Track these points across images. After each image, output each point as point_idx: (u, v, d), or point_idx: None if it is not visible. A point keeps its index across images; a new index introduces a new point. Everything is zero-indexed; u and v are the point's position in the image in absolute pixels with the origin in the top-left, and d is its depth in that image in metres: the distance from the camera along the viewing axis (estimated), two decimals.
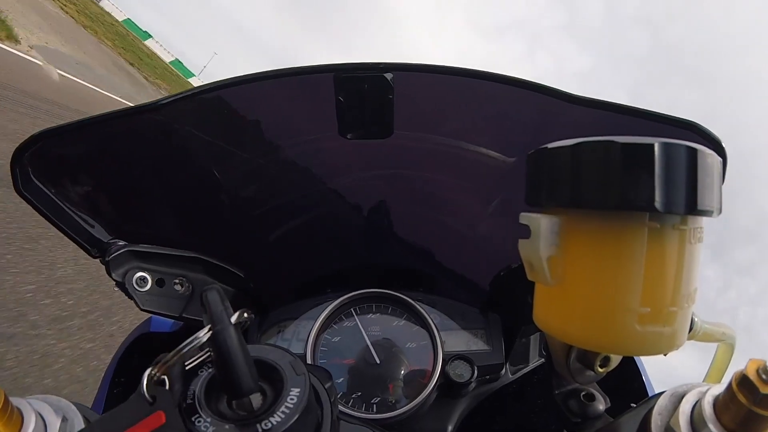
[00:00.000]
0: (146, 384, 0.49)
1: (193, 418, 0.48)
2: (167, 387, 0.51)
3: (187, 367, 0.55)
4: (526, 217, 0.54)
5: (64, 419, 0.51)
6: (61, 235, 0.92)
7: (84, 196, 0.92)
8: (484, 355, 1.07)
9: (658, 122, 0.78)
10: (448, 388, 1.03)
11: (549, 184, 0.51)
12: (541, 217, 0.52)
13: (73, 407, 0.52)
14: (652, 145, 0.44)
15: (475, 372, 1.02)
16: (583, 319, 0.51)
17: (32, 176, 0.85)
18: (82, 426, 0.51)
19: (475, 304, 1.17)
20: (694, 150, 0.45)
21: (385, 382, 1.02)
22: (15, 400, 0.47)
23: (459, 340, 1.10)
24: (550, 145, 0.51)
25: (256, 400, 0.51)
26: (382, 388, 1.01)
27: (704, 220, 0.51)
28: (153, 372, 0.50)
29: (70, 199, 0.90)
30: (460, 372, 1.02)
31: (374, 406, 0.99)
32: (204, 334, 0.50)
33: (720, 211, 0.49)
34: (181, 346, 0.51)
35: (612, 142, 0.46)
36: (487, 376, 1.08)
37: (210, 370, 0.54)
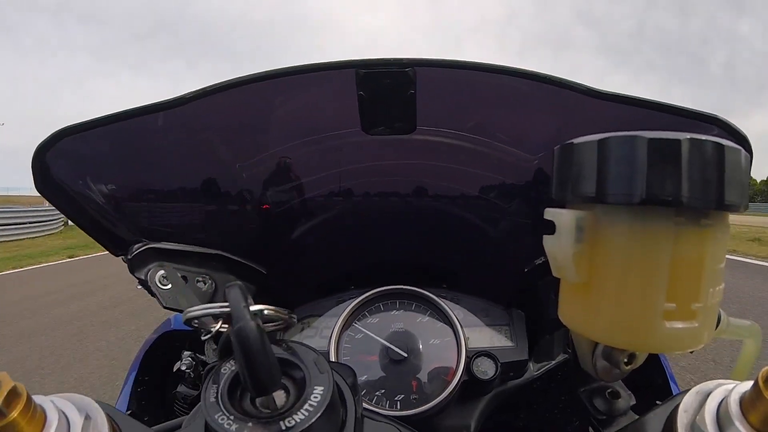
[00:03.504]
0: None
1: (216, 416, 0.48)
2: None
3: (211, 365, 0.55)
4: (551, 213, 0.54)
5: (87, 417, 0.51)
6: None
7: (106, 194, 0.92)
8: (507, 352, 1.07)
9: (680, 116, 0.77)
10: (472, 384, 1.02)
11: (575, 179, 0.51)
12: (566, 212, 0.52)
13: (96, 405, 0.52)
14: (678, 141, 0.44)
15: (499, 368, 1.01)
16: (609, 316, 0.51)
17: (53, 174, 0.85)
18: (105, 424, 0.52)
19: (498, 301, 1.16)
20: (721, 145, 0.45)
21: (409, 379, 1.02)
22: (38, 398, 0.47)
23: (483, 337, 1.10)
24: (577, 140, 0.51)
25: (279, 397, 0.51)
26: (405, 385, 1.01)
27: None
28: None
29: (91, 197, 0.90)
30: (484, 369, 1.02)
31: (398, 403, 0.99)
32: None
33: (746, 207, 0.49)
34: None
35: (638, 137, 0.45)
36: (511, 373, 1.07)
37: (233, 367, 0.54)
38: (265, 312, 0.58)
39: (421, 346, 1.05)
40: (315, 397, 0.50)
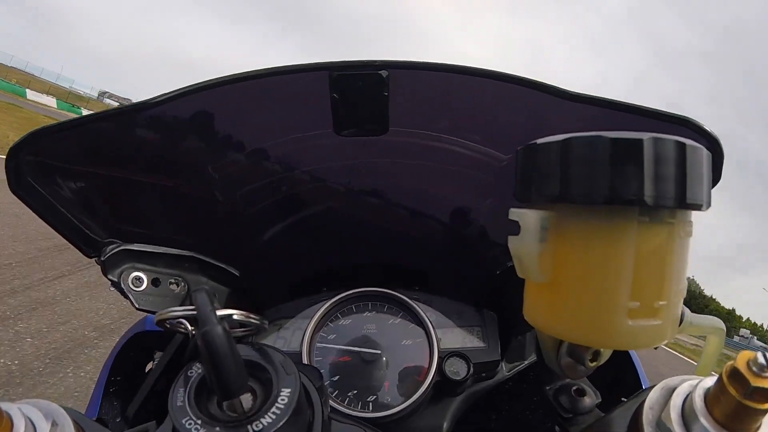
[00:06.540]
0: None
1: (183, 420, 0.48)
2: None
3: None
4: (515, 213, 0.54)
5: (54, 424, 0.50)
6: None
7: (79, 195, 0.91)
8: (479, 353, 1.07)
9: (652, 118, 0.78)
10: (444, 385, 1.03)
11: (538, 179, 0.51)
12: (530, 212, 0.52)
13: (63, 412, 0.52)
14: (641, 140, 0.44)
15: (471, 369, 1.02)
16: (573, 314, 0.51)
17: (27, 175, 0.84)
18: (72, 431, 0.51)
19: (471, 302, 1.17)
20: (683, 144, 0.45)
21: (381, 381, 1.02)
22: (4, 405, 0.46)
23: (455, 338, 1.10)
24: (540, 141, 0.51)
25: (246, 401, 0.51)
26: (377, 387, 1.01)
27: (693, 214, 0.51)
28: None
29: (65, 198, 0.89)
30: (456, 369, 1.02)
31: (370, 404, 0.99)
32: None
33: (709, 205, 0.49)
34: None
35: (600, 137, 0.46)
36: (483, 374, 1.08)
37: (200, 371, 0.54)
38: (235, 317, 0.58)
39: (393, 348, 1.05)
40: (282, 400, 0.50)
